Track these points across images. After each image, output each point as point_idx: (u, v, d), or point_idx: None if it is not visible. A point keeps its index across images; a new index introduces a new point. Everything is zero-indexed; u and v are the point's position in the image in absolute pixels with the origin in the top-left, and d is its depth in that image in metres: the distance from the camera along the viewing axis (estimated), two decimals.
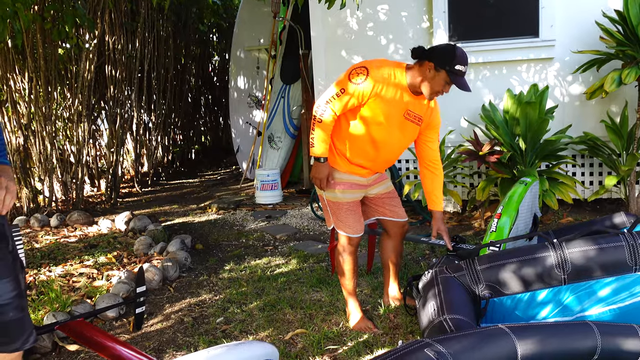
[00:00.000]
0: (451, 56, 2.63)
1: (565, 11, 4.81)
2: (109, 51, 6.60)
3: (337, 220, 2.93)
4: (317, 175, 2.85)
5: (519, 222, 3.19)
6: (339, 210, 2.91)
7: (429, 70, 2.67)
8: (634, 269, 2.43)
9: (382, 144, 2.84)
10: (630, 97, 4.65)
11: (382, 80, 2.68)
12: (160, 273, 3.77)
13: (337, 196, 2.89)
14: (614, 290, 2.50)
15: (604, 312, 2.47)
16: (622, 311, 2.44)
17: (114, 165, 6.78)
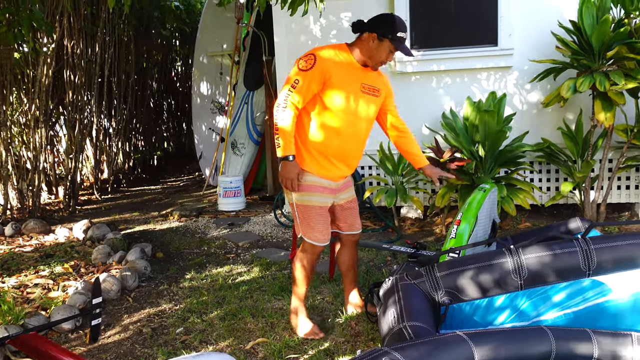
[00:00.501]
0: (392, 25, 2.72)
1: (523, 21, 4.92)
2: (67, 55, 6.46)
3: (306, 226, 2.85)
4: (287, 175, 2.75)
5: (478, 228, 3.24)
6: (309, 215, 2.84)
7: (372, 40, 2.74)
8: (587, 274, 2.48)
9: (349, 128, 2.82)
10: (584, 105, 4.78)
11: (330, 59, 2.72)
12: (118, 283, 3.69)
13: (309, 200, 2.82)
14: (568, 295, 2.55)
15: (559, 317, 2.52)
16: (576, 315, 2.49)
17: (73, 172, 6.63)
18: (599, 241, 2.50)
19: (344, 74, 2.74)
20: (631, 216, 4.95)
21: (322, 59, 2.70)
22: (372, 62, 2.81)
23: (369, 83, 2.85)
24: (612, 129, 4.38)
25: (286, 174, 2.75)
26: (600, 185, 4.59)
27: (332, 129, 2.79)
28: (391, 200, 4.68)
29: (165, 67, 9.76)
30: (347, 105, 2.77)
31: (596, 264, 2.46)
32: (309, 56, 2.71)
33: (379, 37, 2.73)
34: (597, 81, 3.98)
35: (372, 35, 2.74)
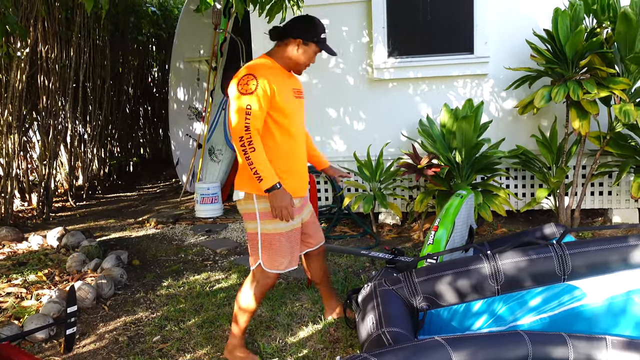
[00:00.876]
0: (315, 28, 2.71)
1: (499, 29, 4.99)
2: (41, 60, 6.36)
3: (270, 255, 2.67)
4: (281, 204, 2.56)
5: (455, 234, 3.27)
6: (278, 242, 2.67)
7: (298, 46, 2.70)
8: (562, 278, 2.52)
9: (299, 136, 2.78)
10: (559, 112, 4.86)
11: (268, 73, 2.62)
12: (93, 291, 3.64)
13: (277, 227, 2.66)
14: (544, 300, 2.59)
15: (535, 321, 2.55)
16: (552, 320, 2.52)
17: (47, 178, 6.52)
18: (574, 246, 2.55)
19: (280, 84, 2.67)
20: (604, 221, 5.04)
21: (262, 75, 2.58)
22: (300, 68, 2.79)
23: (296, 87, 2.83)
24: (585, 136, 4.46)
25: (280, 203, 2.56)
26: (574, 191, 4.67)
27: (288, 142, 2.71)
28: (369, 207, 4.70)
29: (141, 73, 9.68)
30: (292, 114, 2.72)
31: (571, 269, 2.50)
32: (248, 77, 2.56)
33: (305, 42, 2.70)
34: (571, 90, 4.05)
35: (297, 41, 2.69)
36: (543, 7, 4.89)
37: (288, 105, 2.68)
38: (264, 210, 2.65)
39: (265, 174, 2.52)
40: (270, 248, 2.67)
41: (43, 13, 5.80)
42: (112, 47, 8.12)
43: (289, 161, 2.72)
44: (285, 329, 3.11)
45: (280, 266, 2.70)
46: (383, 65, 5.13)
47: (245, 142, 2.51)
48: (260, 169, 2.51)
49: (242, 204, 2.72)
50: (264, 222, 2.66)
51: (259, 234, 2.67)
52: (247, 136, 2.50)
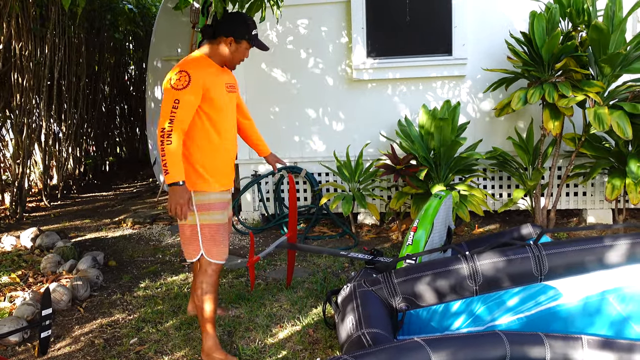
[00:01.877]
0: (246, 26, 2.81)
1: (477, 31, 5.04)
2: (15, 57, 6.24)
3: (210, 246, 2.76)
4: (178, 201, 2.60)
5: (434, 234, 3.29)
6: (216, 232, 2.77)
7: (230, 44, 2.79)
8: (539, 278, 2.55)
9: (230, 131, 2.87)
10: (535, 114, 4.93)
11: (201, 69, 2.70)
12: (69, 293, 3.58)
13: (214, 218, 2.76)
14: (522, 300, 2.62)
15: (513, 321, 2.58)
16: (529, 319, 2.55)
17: (20, 177, 6.40)
18: (550, 247, 2.58)
19: (213, 79, 2.75)
20: (579, 222, 5.12)
21: (195, 73, 2.65)
22: (233, 64, 2.88)
23: (229, 82, 2.91)
24: (560, 138, 4.52)
25: (178, 200, 2.60)
26: (550, 192, 4.73)
27: (220, 137, 2.79)
28: (348, 207, 4.71)
29: (118, 71, 9.55)
30: (224, 108, 2.81)
31: (548, 269, 2.53)
32: (181, 74, 2.63)
33: (237, 40, 2.79)
34: (546, 92, 4.11)
35: (229, 39, 2.78)
36: (520, 9, 4.95)
37: (220, 100, 2.77)
38: (199, 202, 2.74)
39: (172, 169, 2.57)
40: (209, 238, 2.76)
41: (17, 9, 5.69)
42: (88, 44, 8.01)
43: (219, 155, 2.80)
44: (264, 330, 3.10)
45: (220, 256, 2.80)
46: (362, 65, 5.14)
47: (165, 134, 2.56)
48: (170, 163, 2.56)
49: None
50: (201, 213, 2.74)
51: (198, 226, 2.75)
52: (169, 129, 2.56)
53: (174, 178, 2.57)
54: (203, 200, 2.75)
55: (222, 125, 2.80)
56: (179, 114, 2.58)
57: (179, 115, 2.58)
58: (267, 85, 5.40)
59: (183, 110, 2.59)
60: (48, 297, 2.92)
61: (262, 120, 5.42)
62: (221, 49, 2.80)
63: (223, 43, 2.79)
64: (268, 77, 5.41)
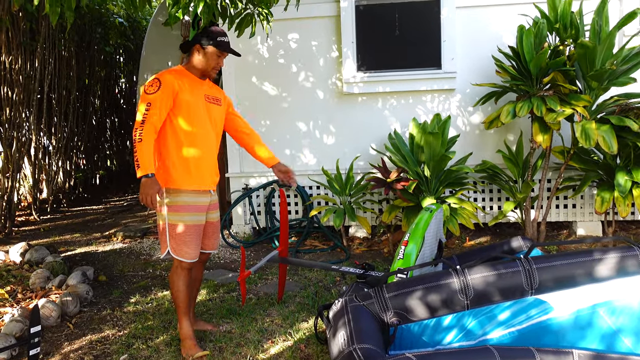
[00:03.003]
0: (209, 32, 3.03)
1: (466, 45, 5.09)
2: (5, 71, 6.22)
3: (176, 244, 2.97)
4: (148, 192, 2.83)
5: (425, 248, 3.29)
6: (182, 234, 2.96)
7: (198, 52, 3.04)
8: (530, 292, 2.56)
9: (206, 137, 3.05)
10: (524, 127, 4.97)
11: (173, 77, 2.94)
12: (58, 309, 3.54)
13: (182, 219, 2.96)
14: (513, 314, 2.62)
15: (504, 335, 2.58)
16: (520, 333, 2.56)
17: (9, 191, 6.36)
18: (541, 261, 2.59)
19: (188, 87, 2.99)
20: (569, 234, 5.15)
21: (166, 78, 2.91)
22: (207, 70, 3.08)
23: (210, 94, 3.15)
24: (549, 151, 4.56)
25: (147, 191, 2.83)
26: (540, 204, 4.76)
27: (191, 139, 2.98)
28: (340, 221, 4.71)
29: (108, 84, 9.54)
30: (199, 115, 3.02)
31: (538, 283, 2.55)
32: (153, 80, 2.90)
33: (203, 46, 3.02)
34: (535, 106, 4.15)
35: (196, 47, 3.04)
36: (508, 24, 5.01)
37: (194, 106, 3.00)
38: (170, 203, 2.95)
39: (143, 163, 2.80)
40: (175, 236, 2.96)
41: (7, 23, 5.68)
42: (79, 58, 8.00)
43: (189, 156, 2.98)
44: (255, 346, 3.08)
45: (186, 255, 2.98)
46: (352, 79, 5.17)
47: (138, 132, 2.82)
48: (140, 157, 2.80)
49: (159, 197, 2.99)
50: (170, 214, 2.95)
51: (167, 224, 2.97)
52: (141, 128, 2.82)
53: (144, 171, 2.80)
54: (174, 201, 2.96)
55: (195, 130, 2.99)
56: (150, 115, 2.84)
57: (150, 115, 2.84)
58: (258, 99, 5.41)
59: (154, 111, 2.85)
60: (37, 314, 2.89)
61: None
62: (193, 59, 3.06)
63: (194, 53, 3.05)
64: (259, 91, 5.42)
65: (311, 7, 5.20)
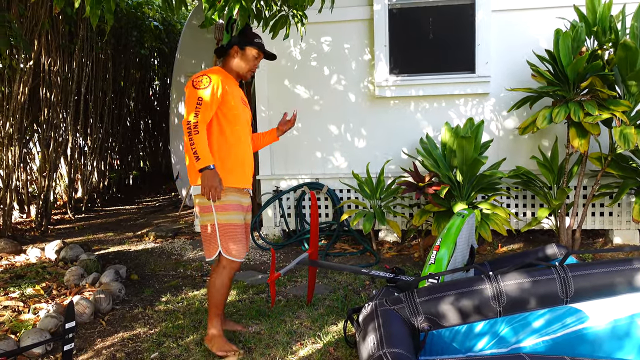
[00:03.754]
0: (247, 34, 3.10)
1: (500, 49, 5.03)
2: (44, 73, 6.38)
3: (227, 245, 2.96)
4: (211, 184, 2.84)
5: (456, 254, 3.25)
6: (233, 232, 2.96)
7: (236, 53, 3.09)
8: (565, 301, 2.50)
9: (246, 137, 3.12)
10: (560, 132, 4.88)
11: (220, 76, 2.99)
12: (91, 306, 3.61)
13: (231, 218, 2.95)
14: (547, 322, 2.57)
15: (538, 344, 2.53)
16: (555, 342, 2.50)
17: (46, 190, 6.51)
18: (576, 269, 2.53)
19: (231, 88, 3.03)
20: (605, 242, 5.03)
21: (215, 76, 2.95)
22: (244, 72, 3.13)
23: (243, 97, 3.21)
24: (586, 157, 4.46)
25: (210, 183, 2.83)
26: (575, 211, 4.66)
27: (234, 137, 3.01)
28: (369, 225, 4.69)
29: (143, 86, 9.71)
30: (240, 116, 3.06)
31: (574, 292, 2.48)
32: (203, 76, 2.92)
33: (241, 47, 3.08)
34: (572, 111, 4.07)
35: (234, 48, 3.08)
36: (544, 27, 4.93)
37: (237, 107, 3.04)
38: (218, 203, 2.93)
39: (202, 155, 2.81)
40: (226, 237, 2.95)
41: (47, 26, 5.82)
42: (115, 60, 8.16)
43: (233, 154, 3.01)
44: (284, 348, 3.08)
45: (237, 254, 2.99)
46: (385, 83, 5.15)
47: (191, 126, 2.81)
48: (199, 150, 2.80)
49: (199, 198, 2.96)
50: (219, 213, 2.93)
51: (216, 225, 2.94)
52: (195, 121, 2.81)
53: (205, 162, 2.81)
54: (222, 200, 2.93)
55: (238, 130, 3.03)
56: (202, 110, 2.85)
57: (202, 109, 2.85)
58: (291, 102, 5.43)
59: (205, 105, 2.86)
60: (72, 310, 2.94)
61: (284, 136, 5.46)
62: (231, 61, 3.10)
63: (231, 55, 3.09)
64: (291, 94, 5.45)
65: (344, 11, 5.20)
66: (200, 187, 2.88)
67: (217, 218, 2.93)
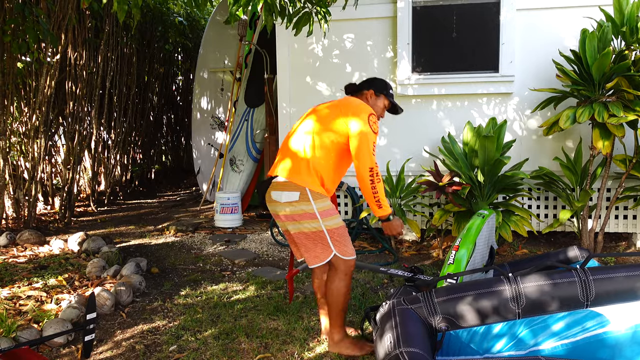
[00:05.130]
0: (385, 83, 3.16)
1: (525, 48, 4.97)
2: (70, 67, 6.48)
3: (342, 246, 2.88)
4: (397, 229, 2.97)
5: (476, 254, 3.23)
6: (343, 234, 2.91)
7: (370, 97, 3.11)
8: (585, 304, 2.47)
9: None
10: (584, 134, 4.81)
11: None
12: (112, 297, 3.66)
13: (337, 221, 2.90)
14: (567, 325, 2.54)
15: (557, 347, 2.50)
16: (575, 346, 2.47)
17: (70, 183, 6.61)
18: (598, 272, 2.49)
19: None
20: (628, 246, 4.95)
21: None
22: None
23: None
24: (610, 159, 4.40)
25: (396, 228, 2.98)
26: (598, 214, 4.59)
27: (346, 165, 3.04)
28: None
29: (166, 81, 9.80)
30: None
31: (594, 295, 2.45)
32: (375, 117, 2.92)
33: (376, 93, 3.11)
34: (596, 112, 4.01)
35: (370, 91, 3.10)
36: (570, 27, 4.86)
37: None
38: (321, 208, 2.84)
39: (385, 203, 2.88)
40: (339, 239, 2.88)
41: (74, 21, 5.91)
42: (139, 55, 8.25)
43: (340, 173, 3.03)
44: (301, 344, 3.10)
45: (352, 252, 2.93)
46: (407, 81, 5.12)
47: (374, 173, 2.82)
48: (382, 198, 2.86)
49: (296, 205, 2.83)
50: (325, 219, 2.84)
51: (325, 230, 2.85)
52: (377, 168, 2.83)
53: (387, 211, 2.91)
54: (323, 207, 2.85)
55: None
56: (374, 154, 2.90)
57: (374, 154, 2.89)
58: (313, 98, 5.44)
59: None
60: (93, 301, 2.99)
61: None
62: (378, 102, 3.12)
63: (364, 96, 3.10)
64: (313, 90, 5.45)
65: (368, 8, 5.18)
66: (385, 231, 3.00)
67: (325, 224, 2.84)
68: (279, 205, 2.87)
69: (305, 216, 2.83)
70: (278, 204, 2.87)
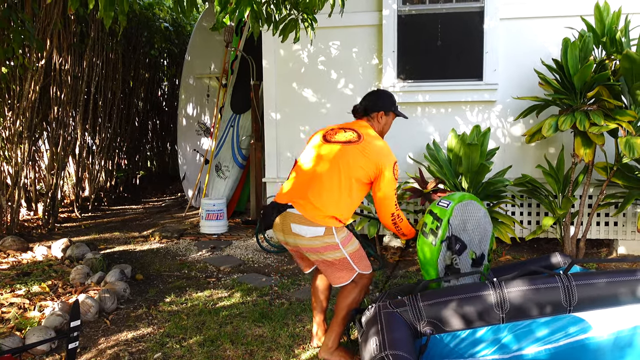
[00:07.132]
0: (391, 98, 3.15)
1: (508, 57, 5.04)
2: (55, 72, 6.43)
3: (362, 264, 2.97)
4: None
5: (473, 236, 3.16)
6: (361, 255, 2.99)
7: (381, 118, 3.12)
8: (568, 309, 2.51)
9: None
10: (566, 142, 4.88)
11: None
12: (96, 305, 3.63)
13: (355, 245, 2.98)
14: (550, 331, 2.58)
15: (540, 352, 2.53)
16: (557, 351, 2.51)
17: (54, 188, 6.56)
18: (580, 278, 2.54)
19: None
20: (609, 252, 5.02)
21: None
22: (383, 135, 3.17)
23: None
24: (592, 166, 4.46)
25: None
26: (580, 221, 4.65)
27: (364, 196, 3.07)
28: (374, 229, 4.70)
29: (151, 87, 9.76)
30: None
31: (577, 301, 2.49)
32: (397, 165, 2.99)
33: (386, 113, 3.12)
34: (578, 120, 4.07)
35: (380, 113, 3.10)
36: (552, 36, 4.93)
37: None
38: (343, 239, 2.90)
39: (409, 231, 3.14)
40: (359, 259, 2.98)
41: (60, 26, 5.87)
42: (124, 61, 8.22)
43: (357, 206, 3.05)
44: (286, 351, 3.10)
45: (370, 266, 3.03)
46: (392, 88, 5.16)
47: (395, 217, 3.01)
48: (406, 232, 3.13)
49: (321, 239, 2.86)
50: (346, 247, 2.91)
51: (348, 257, 2.92)
52: (397, 213, 3.01)
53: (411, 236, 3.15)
54: (343, 237, 2.90)
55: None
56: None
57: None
58: (298, 105, 5.46)
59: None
60: (77, 309, 2.96)
61: (292, 138, 5.49)
62: (375, 123, 3.12)
63: (375, 118, 3.12)
64: (299, 97, 5.47)
65: (353, 16, 5.22)
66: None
67: (347, 251, 2.90)
68: (301, 239, 2.87)
69: (329, 248, 2.87)
70: (299, 237, 2.87)
